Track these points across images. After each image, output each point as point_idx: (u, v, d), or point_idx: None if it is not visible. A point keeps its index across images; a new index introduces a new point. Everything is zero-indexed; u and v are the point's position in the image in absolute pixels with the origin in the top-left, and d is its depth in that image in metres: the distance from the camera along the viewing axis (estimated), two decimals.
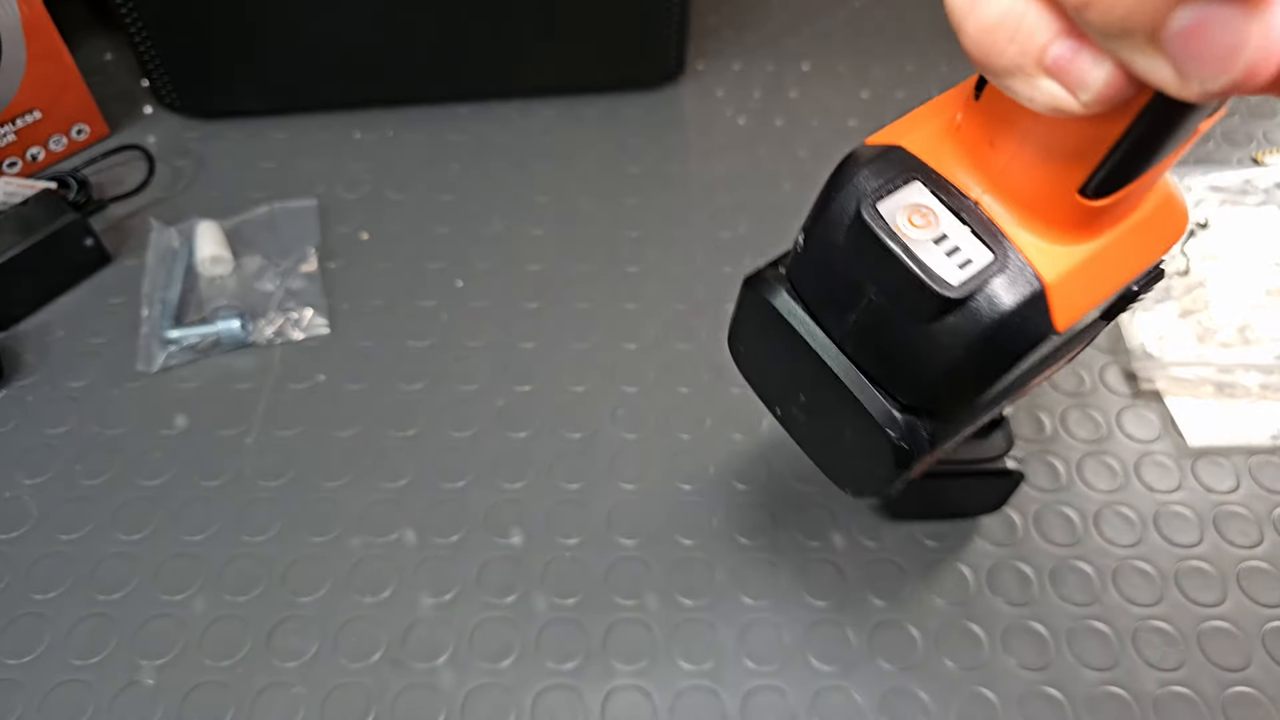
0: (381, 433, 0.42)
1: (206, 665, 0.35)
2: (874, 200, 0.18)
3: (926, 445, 0.21)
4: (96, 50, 0.60)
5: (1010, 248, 0.18)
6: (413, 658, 0.35)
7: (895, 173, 0.19)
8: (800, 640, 0.35)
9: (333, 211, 0.51)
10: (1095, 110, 0.14)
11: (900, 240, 0.18)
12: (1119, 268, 0.19)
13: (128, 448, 0.41)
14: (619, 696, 0.34)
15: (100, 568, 0.37)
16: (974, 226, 0.18)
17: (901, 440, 0.20)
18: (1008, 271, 0.18)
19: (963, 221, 0.18)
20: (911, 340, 0.19)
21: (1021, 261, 0.18)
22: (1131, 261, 0.20)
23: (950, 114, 0.20)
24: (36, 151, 0.52)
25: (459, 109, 0.57)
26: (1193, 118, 0.16)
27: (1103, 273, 0.19)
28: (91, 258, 0.48)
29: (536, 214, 0.51)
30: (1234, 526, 0.39)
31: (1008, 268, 0.18)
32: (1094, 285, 0.19)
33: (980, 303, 0.18)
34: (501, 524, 0.39)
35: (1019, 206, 0.18)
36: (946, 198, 0.18)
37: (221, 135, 0.55)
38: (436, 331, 0.46)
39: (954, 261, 0.18)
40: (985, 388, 0.20)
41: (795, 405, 0.24)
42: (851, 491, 0.24)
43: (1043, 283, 0.18)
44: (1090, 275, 0.19)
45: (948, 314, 0.18)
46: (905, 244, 0.18)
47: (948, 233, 0.18)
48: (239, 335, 0.44)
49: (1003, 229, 0.18)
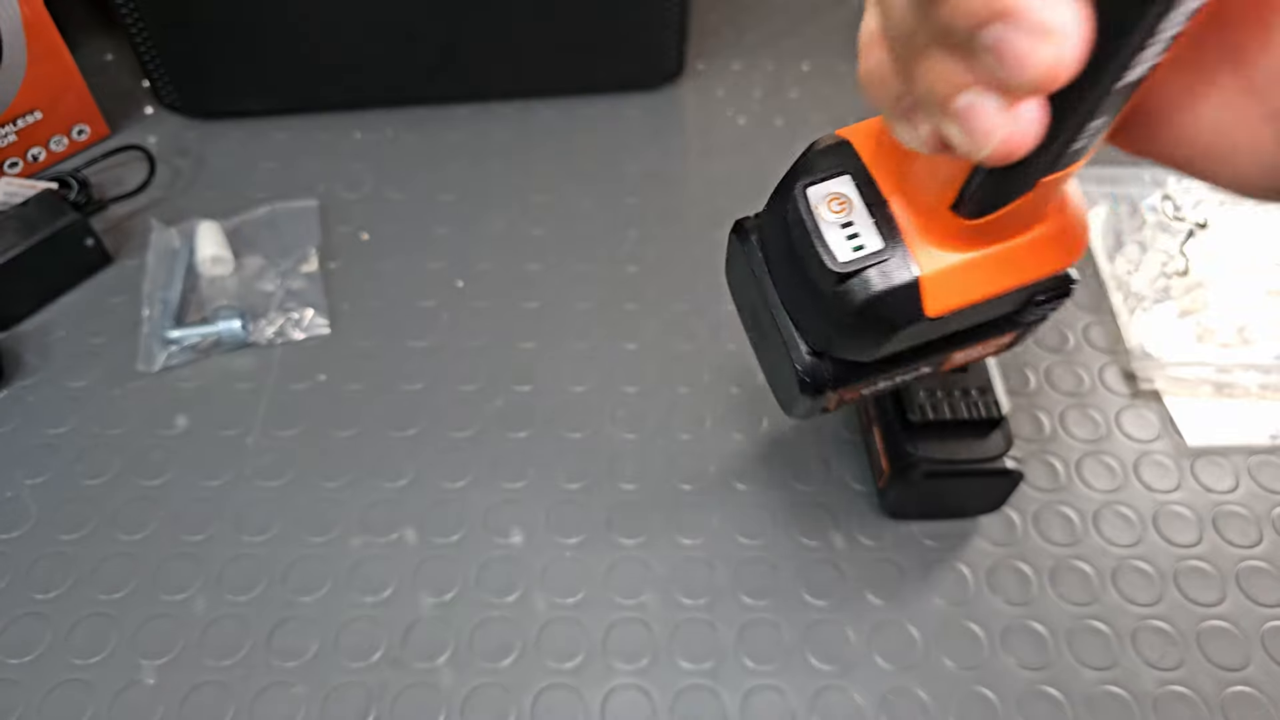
0: (382, 433, 0.42)
1: (207, 665, 0.35)
2: (808, 183, 0.23)
3: (827, 382, 0.26)
4: (97, 50, 0.60)
5: (901, 243, 0.22)
6: (413, 657, 0.35)
7: (835, 163, 0.23)
8: (800, 639, 0.35)
9: (333, 212, 0.51)
10: (930, 153, 0.18)
11: (814, 218, 0.22)
12: (1001, 275, 0.23)
13: (128, 447, 0.41)
14: (619, 696, 0.34)
15: (101, 567, 0.37)
16: (878, 220, 0.22)
17: (805, 374, 0.25)
18: (891, 260, 0.22)
19: (871, 214, 0.22)
20: (815, 299, 0.23)
21: (906, 255, 0.22)
22: (1016, 272, 0.23)
23: None
24: (37, 152, 0.52)
25: (459, 109, 0.57)
26: (1024, 168, 0.19)
27: (981, 276, 0.22)
28: (92, 258, 0.48)
29: (536, 214, 0.51)
30: (1233, 526, 0.39)
31: (892, 257, 0.22)
32: (969, 285, 0.22)
33: (862, 280, 0.22)
34: (502, 524, 0.39)
35: (917, 212, 0.22)
36: (866, 192, 0.22)
37: (222, 135, 0.55)
38: (437, 331, 0.46)
39: (850, 245, 0.22)
40: (873, 348, 0.24)
41: (755, 330, 0.29)
42: (783, 408, 0.29)
43: (918, 275, 0.22)
44: (967, 276, 0.22)
45: (840, 284, 0.22)
46: (817, 222, 0.22)
47: (855, 221, 0.22)
48: (239, 335, 0.44)
49: (901, 227, 0.22)
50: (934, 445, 0.35)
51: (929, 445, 0.35)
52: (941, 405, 0.36)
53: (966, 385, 0.36)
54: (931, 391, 0.36)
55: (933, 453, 0.35)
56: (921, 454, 0.35)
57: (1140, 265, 0.48)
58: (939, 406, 0.36)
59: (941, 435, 0.36)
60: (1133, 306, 0.46)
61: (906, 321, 0.22)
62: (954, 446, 0.35)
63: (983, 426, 0.36)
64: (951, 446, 0.35)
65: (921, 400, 0.36)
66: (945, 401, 0.36)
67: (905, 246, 0.22)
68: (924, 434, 0.36)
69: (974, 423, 0.36)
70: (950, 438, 0.36)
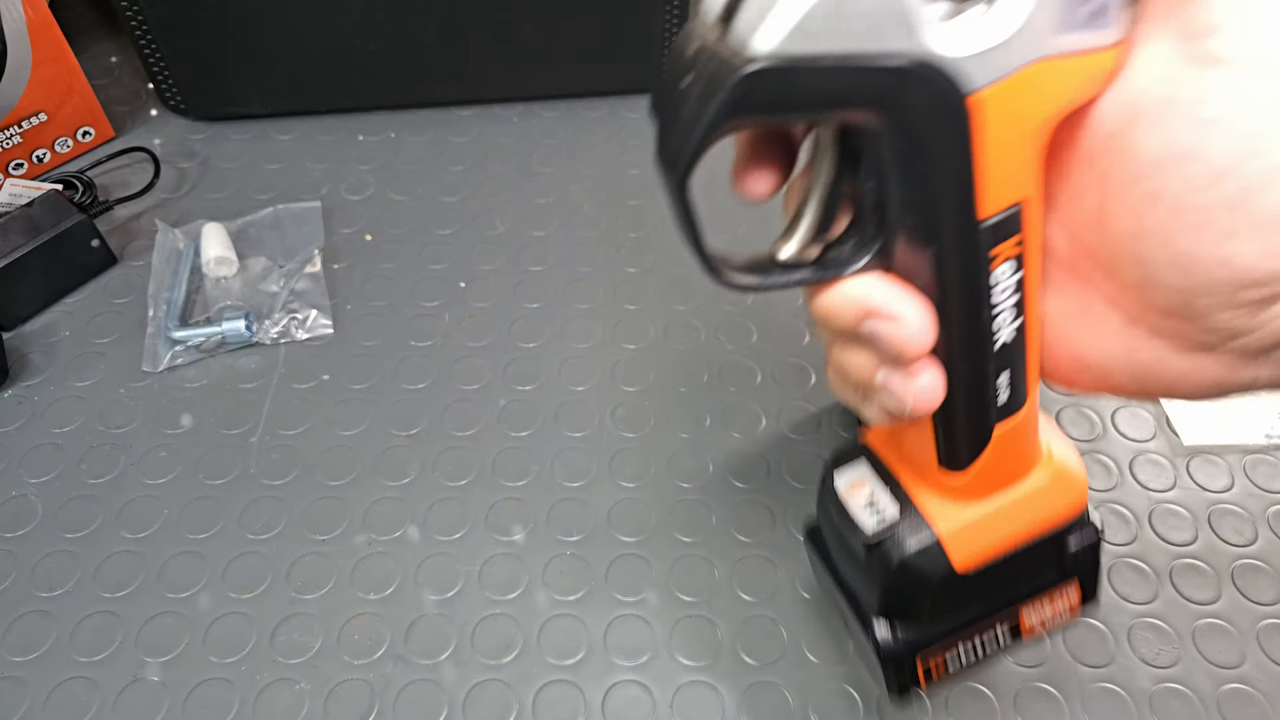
0: (385, 432, 0.42)
1: (211, 662, 0.35)
2: (834, 471, 0.27)
3: (901, 645, 0.28)
4: (102, 53, 0.61)
5: (914, 507, 0.25)
6: (416, 654, 0.35)
7: (853, 451, 0.27)
8: (798, 636, 0.36)
9: (337, 213, 0.52)
10: (890, 424, 0.23)
11: (839, 499, 0.26)
12: (1013, 524, 0.25)
13: (133, 447, 0.41)
14: (619, 692, 0.34)
15: (105, 565, 0.38)
16: (892, 490, 0.26)
17: (884, 647, 0.28)
18: (910, 522, 0.25)
19: (885, 487, 0.26)
20: (862, 568, 0.26)
21: (920, 517, 0.25)
22: (1027, 520, 0.26)
23: None
24: (42, 153, 0.53)
25: (462, 112, 0.58)
26: (970, 420, 0.23)
27: (995, 528, 0.25)
28: (97, 259, 0.48)
29: (538, 216, 0.52)
30: (1228, 524, 0.39)
31: (910, 522, 0.25)
32: (988, 537, 0.25)
33: (889, 546, 0.25)
34: (503, 522, 0.39)
35: (919, 476, 0.25)
36: (879, 470, 0.26)
37: (226, 138, 0.56)
38: (439, 332, 0.46)
39: (873, 517, 0.25)
40: (920, 607, 0.26)
41: (849, 628, 0.31)
42: (888, 694, 0.30)
43: (938, 534, 0.25)
44: (982, 530, 0.25)
45: (872, 552, 0.25)
46: (843, 502, 0.26)
47: (874, 495, 0.26)
48: (244, 335, 0.44)
49: (911, 493, 0.25)
50: None
51: None
52: None
53: None
54: None
55: None
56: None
57: None
58: None
59: None
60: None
61: (939, 576, 0.25)
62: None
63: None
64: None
65: None
66: None
67: (917, 509, 0.25)
68: None
69: None
70: None
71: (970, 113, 0.17)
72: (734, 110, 0.17)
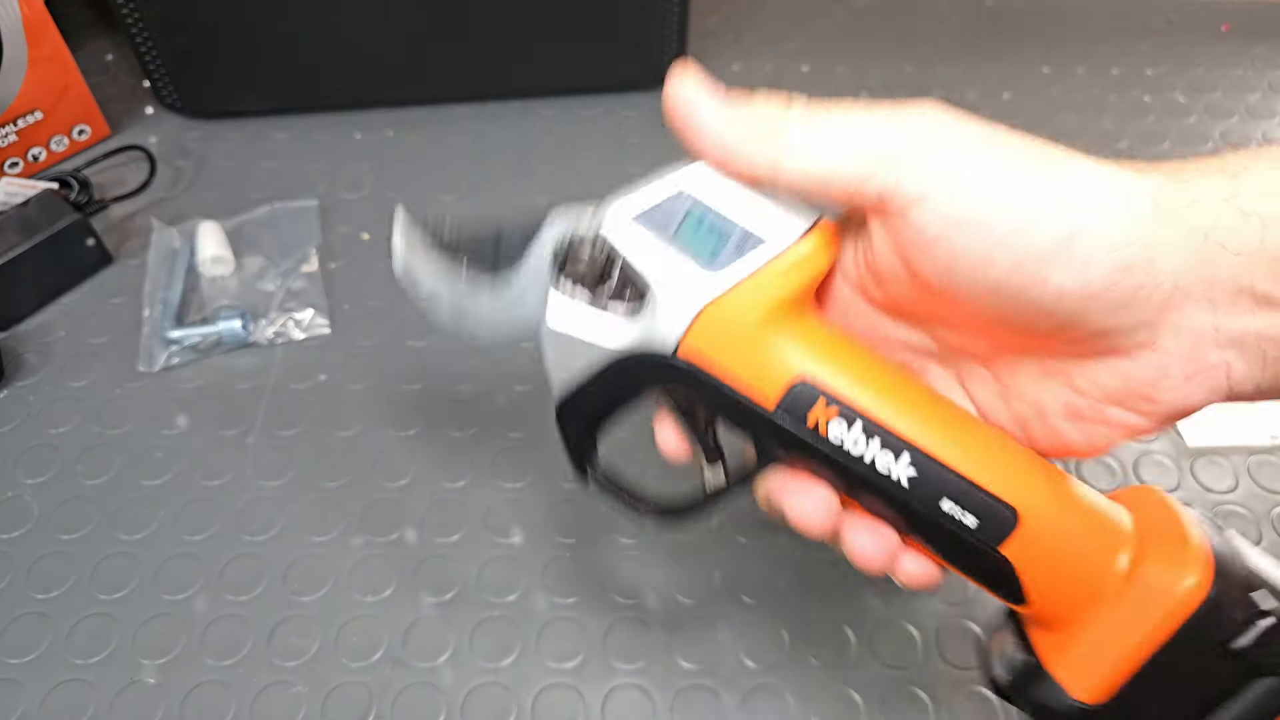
0: (382, 432, 0.42)
1: (208, 664, 0.35)
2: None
3: None
4: (98, 51, 0.60)
5: (1033, 652, 0.24)
6: (413, 657, 0.35)
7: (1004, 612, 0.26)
8: (798, 639, 0.35)
9: (333, 212, 0.51)
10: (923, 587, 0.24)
11: (984, 649, 0.26)
12: (1127, 637, 0.22)
13: (129, 447, 0.41)
14: (619, 695, 0.34)
15: (101, 567, 0.37)
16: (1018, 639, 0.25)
17: None
18: (1028, 667, 0.24)
19: (1016, 637, 0.25)
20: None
21: (1036, 660, 0.24)
22: (1131, 634, 0.22)
23: None
24: (38, 152, 0.52)
25: (459, 110, 0.57)
26: (964, 561, 0.23)
27: (1108, 645, 0.22)
28: (93, 258, 0.48)
29: None
30: (1233, 526, 0.39)
31: (1028, 664, 0.24)
32: (1104, 659, 0.22)
33: (1015, 691, 0.24)
34: (501, 523, 0.39)
35: (1028, 623, 0.25)
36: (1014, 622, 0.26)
37: (222, 136, 0.56)
38: (436, 331, 0.46)
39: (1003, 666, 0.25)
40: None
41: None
42: None
43: (1049, 671, 0.23)
44: (1094, 652, 0.23)
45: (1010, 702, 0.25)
46: (986, 651, 0.26)
47: (1007, 644, 0.25)
48: (240, 335, 0.44)
49: (1033, 639, 0.24)
50: None
51: None
52: None
53: None
54: None
55: None
56: None
57: None
58: None
59: None
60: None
61: (1071, 712, 0.23)
62: None
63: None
64: None
65: None
66: None
67: (1035, 652, 0.24)
68: None
69: None
70: None
71: (687, 358, 0.22)
72: (562, 425, 0.27)
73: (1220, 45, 0.63)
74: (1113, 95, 0.59)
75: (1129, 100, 0.59)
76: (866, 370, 0.23)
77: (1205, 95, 0.59)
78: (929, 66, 0.61)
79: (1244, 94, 0.59)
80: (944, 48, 0.62)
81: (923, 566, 0.24)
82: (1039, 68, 0.61)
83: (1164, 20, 0.65)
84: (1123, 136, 0.56)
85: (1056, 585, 0.23)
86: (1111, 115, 0.58)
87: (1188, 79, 0.60)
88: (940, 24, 0.64)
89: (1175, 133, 0.57)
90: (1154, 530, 0.23)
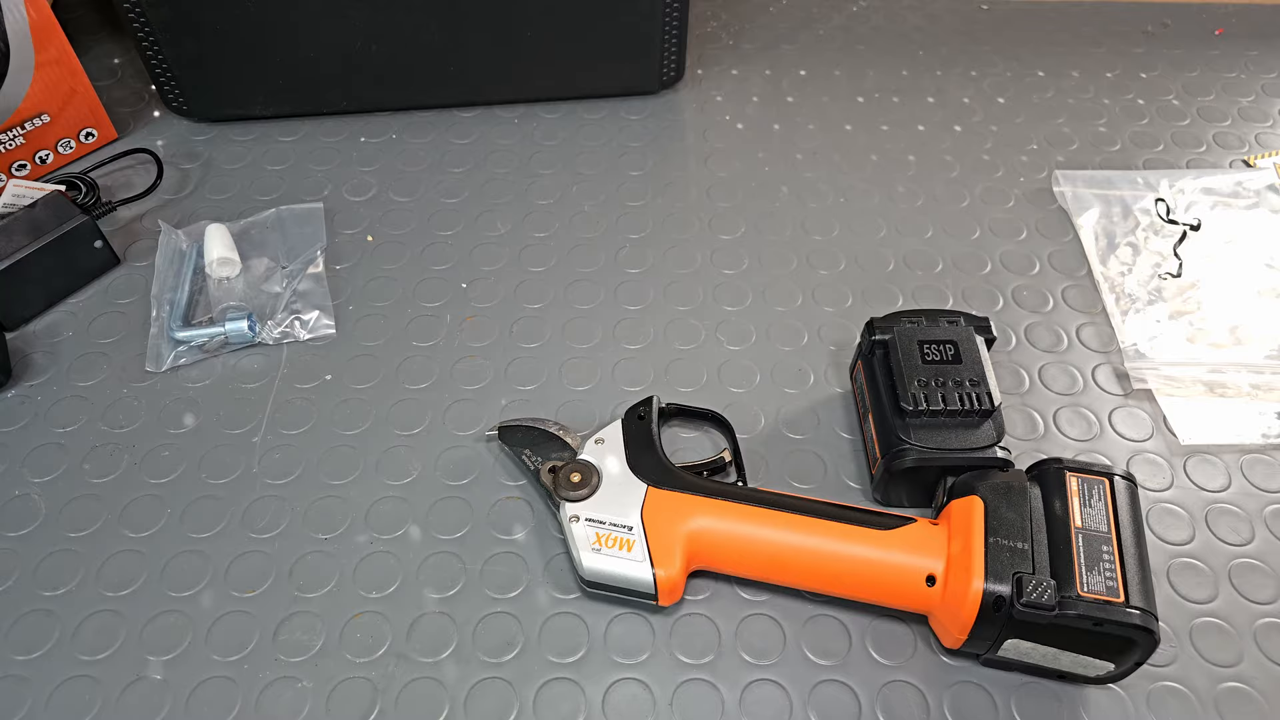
0: (387, 431, 0.42)
1: (214, 660, 0.35)
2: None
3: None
4: (105, 55, 0.61)
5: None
6: (417, 652, 0.35)
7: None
8: (798, 635, 0.36)
9: (339, 214, 0.52)
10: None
11: None
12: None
13: (136, 446, 0.42)
14: (619, 689, 0.34)
15: (109, 565, 0.38)
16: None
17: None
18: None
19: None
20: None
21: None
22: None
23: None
24: (45, 154, 0.53)
25: (463, 114, 0.58)
26: None
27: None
28: (100, 260, 0.48)
29: (539, 217, 0.52)
30: (1225, 524, 0.39)
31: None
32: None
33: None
34: (505, 521, 0.39)
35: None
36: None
37: (229, 139, 0.56)
38: (441, 332, 0.46)
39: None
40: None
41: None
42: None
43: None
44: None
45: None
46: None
47: None
48: (246, 336, 0.45)
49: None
50: (925, 434, 0.36)
51: (920, 434, 0.36)
52: (935, 395, 0.36)
53: (960, 376, 0.37)
54: (925, 382, 0.37)
55: (924, 441, 0.36)
56: (912, 442, 0.36)
57: (1133, 267, 0.49)
58: (932, 396, 0.36)
59: (933, 425, 0.36)
60: (1125, 307, 0.47)
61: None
62: (945, 436, 0.36)
63: (975, 417, 0.36)
64: (943, 436, 0.36)
65: (915, 390, 0.36)
66: (939, 391, 0.36)
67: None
68: (916, 423, 0.36)
69: (966, 413, 0.36)
70: (942, 427, 0.36)
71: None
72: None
73: (1214, 49, 0.63)
74: (1107, 98, 0.60)
75: (1123, 103, 0.59)
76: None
77: (1199, 98, 0.60)
78: (925, 69, 0.62)
79: (1237, 97, 0.60)
80: (939, 52, 0.63)
81: None
82: (1034, 71, 0.62)
83: (1158, 24, 0.65)
84: (1117, 139, 0.57)
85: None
86: (1107, 118, 0.58)
87: (1182, 82, 0.61)
88: (936, 29, 0.65)
89: (1169, 135, 0.57)
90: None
